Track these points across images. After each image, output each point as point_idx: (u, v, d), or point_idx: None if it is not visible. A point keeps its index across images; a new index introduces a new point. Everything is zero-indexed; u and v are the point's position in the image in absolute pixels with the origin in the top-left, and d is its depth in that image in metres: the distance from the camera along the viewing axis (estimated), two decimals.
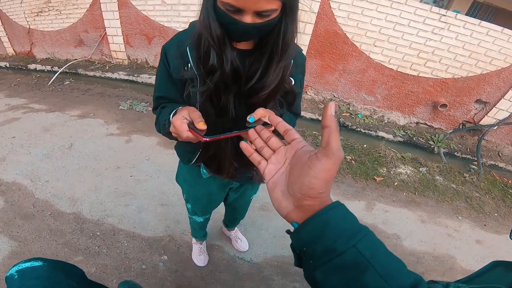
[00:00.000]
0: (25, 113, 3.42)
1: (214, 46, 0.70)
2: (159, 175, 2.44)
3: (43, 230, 1.87)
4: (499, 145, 3.80)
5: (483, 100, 3.59)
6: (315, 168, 0.37)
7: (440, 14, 3.23)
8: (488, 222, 2.56)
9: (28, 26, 5.62)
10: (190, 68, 0.78)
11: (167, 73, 0.85)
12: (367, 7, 3.35)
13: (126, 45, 4.81)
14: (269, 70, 0.74)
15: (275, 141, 0.47)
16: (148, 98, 3.99)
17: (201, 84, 0.78)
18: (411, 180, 2.88)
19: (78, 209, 2.05)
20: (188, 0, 4.01)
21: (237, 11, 0.63)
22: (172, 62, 0.82)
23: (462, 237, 2.34)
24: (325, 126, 0.37)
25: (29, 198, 2.11)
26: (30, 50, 6.00)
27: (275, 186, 0.44)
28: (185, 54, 0.78)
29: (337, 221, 0.36)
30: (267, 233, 2.05)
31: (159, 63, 0.88)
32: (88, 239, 1.85)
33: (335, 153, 0.37)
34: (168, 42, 0.86)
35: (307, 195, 0.38)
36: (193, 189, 1.18)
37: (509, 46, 3.25)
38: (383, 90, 3.80)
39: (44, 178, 2.31)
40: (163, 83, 0.88)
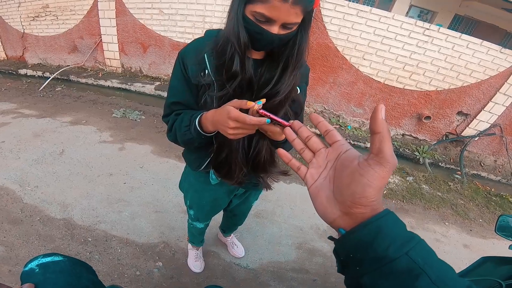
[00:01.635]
0: (15, 118, 3.35)
1: (239, 52, 0.74)
2: (153, 183, 2.43)
3: (31, 235, 1.83)
4: (480, 155, 3.98)
5: (464, 112, 3.77)
6: (368, 176, 0.35)
7: (424, 28, 3.41)
8: (473, 228, 2.69)
9: (23, 30, 5.54)
10: (208, 74, 0.81)
11: (183, 78, 0.87)
12: (357, 21, 3.51)
13: (121, 53, 4.81)
14: (284, 77, 0.78)
15: (315, 142, 0.44)
16: (142, 107, 3.98)
17: (218, 90, 0.80)
18: (399, 189, 2.98)
19: (69, 215, 2.01)
20: (185, 11, 4.08)
21: (266, 22, 0.67)
22: (191, 68, 0.84)
23: (450, 242, 2.44)
24: (376, 132, 0.35)
25: (17, 203, 2.06)
26: (22, 55, 5.90)
27: (318, 191, 0.42)
28: (203, 61, 0.81)
29: (388, 228, 0.35)
30: (262, 239, 2.07)
31: (175, 68, 0.89)
32: (79, 245, 1.81)
33: (389, 160, 0.34)
34: (184, 48, 0.87)
35: (358, 203, 0.36)
36: (199, 195, 1.19)
37: (488, 59, 3.44)
38: (371, 103, 3.94)
39: (33, 184, 2.25)
40: (179, 88, 0.89)
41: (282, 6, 0.63)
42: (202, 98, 0.85)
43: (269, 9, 0.64)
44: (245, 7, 0.69)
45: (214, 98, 0.82)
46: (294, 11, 0.65)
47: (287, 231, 2.19)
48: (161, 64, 4.67)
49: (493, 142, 3.90)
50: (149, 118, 3.67)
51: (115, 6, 4.40)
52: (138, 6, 4.30)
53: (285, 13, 0.65)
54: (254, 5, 0.66)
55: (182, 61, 0.85)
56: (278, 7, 0.64)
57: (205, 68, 0.81)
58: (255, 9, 0.66)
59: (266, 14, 0.65)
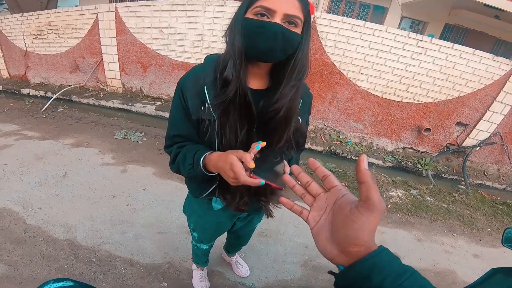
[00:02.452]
0: (18, 140, 3.37)
1: (233, 56, 0.73)
2: (156, 204, 2.43)
3: (35, 255, 1.84)
4: (483, 164, 3.97)
5: (463, 122, 3.79)
6: (359, 221, 0.38)
7: (417, 39, 3.47)
8: (483, 237, 2.66)
9: (26, 48, 5.61)
10: (208, 108, 0.79)
11: (183, 110, 0.85)
12: (352, 35, 3.58)
13: (121, 73, 4.87)
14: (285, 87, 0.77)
15: (315, 187, 0.48)
16: (143, 128, 4.00)
17: (219, 126, 0.79)
18: (403, 202, 2.96)
19: (72, 236, 2.01)
20: (184, 30, 4.17)
21: (268, 15, 0.68)
22: (190, 101, 0.82)
23: (459, 253, 2.42)
24: (362, 182, 0.38)
25: (20, 224, 2.07)
26: (24, 74, 5.95)
27: (319, 232, 0.45)
28: (202, 94, 0.79)
29: (383, 263, 0.38)
30: (267, 258, 2.05)
31: (174, 98, 0.87)
32: (83, 265, 1.81)
33: (377, 206, 0.38)
34: (184, 77, 0.85)
35: (353, 244, 0.39)
36: (202, 219, 1.19)
37: (481, 68, 3.48)
38: (370, 117, 3.96)
39: (36, 205, 2.26)
40: (179, 121, 0.87)
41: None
42: (205, 135, 0.84)
43: (269, 1, 0.67)
44: (246, 13, 0.71)
45: (216, 134, 0.82)
46: (292, 2, 0.68)
47: (292, 249, 2.16)
48: (161, 83, 4.72)
49: (494, 151, 3.91)
50: (151, 139, 3.69)
51: (116, 25, 4.50)
52: (138, 25, 4.40)
53: (285, 4, 0.67)
54: (254, 5, 0.69)
55: (181, 92, 0.84)
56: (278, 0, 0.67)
57: (205, 101, 0.80)
58: (256, 6, 0.68)
59: (266, 5, 0.67)
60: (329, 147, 3.79)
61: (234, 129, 0.80)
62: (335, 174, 3.19)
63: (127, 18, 4.41)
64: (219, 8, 3.92)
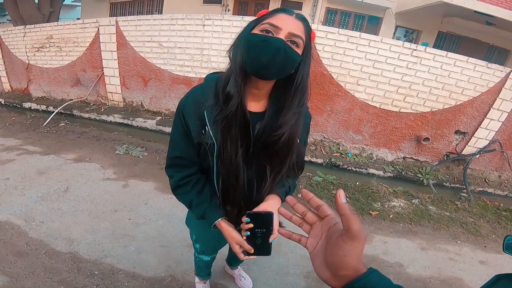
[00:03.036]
0: (20, 154, 3.39)
1: (234, 71, 0.75)
2: (157, 218, 2.43)
3: (37, 267, 1.84)
4: (484, 171, 3.99)
5: (461, 130, 3.82)
6: (344, 249, 0.42)
7: (411, 49, 3.52)
8: (487, 244, 2.65)
9: (28, 61, 5.66)
10: (208, 132, 0.81)
11: (184, 132, 0.87)
12: (348, 47, 3.64)
13: (122, 87, 4.92)
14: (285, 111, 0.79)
15: (311, 216, 0.51)
16: (144, 143, 4.02)
17: (218, 151, 0.82)
18: (405, 212, 2.96)
19: (75, 249, 2.02)
20: (183, 44, 4.25)
21: (273, 32, 0.71)
22: (192, 125, 0.84)
23: (465, 260, 2.41)
24: (342, 214, 0.41)
25: (22, 237, 2.08)
26: (26, 87, 5.99)
27: (315, 257, 0.49)
28: (202, 118, 0.81)
29: (372, 285, 0.41)
30: (270, 270, 2.04)
31: (175, 120, 0.88)
32: (85, 277, 1.80)
33: (358, 235, 0.41)
34: (184, 100, 0.86)
35: (341, 268, 0.43)
36: (205, 231, 1.19)
37: (476, 75, 3.52)
38: (369, 128, 3.98)
39: (38, 219, 2.27)
40: (179, 142, 0.90)
41: (288, 17, 0.72)
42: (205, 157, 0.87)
43: (275, 19, 0.72)
44: (253, 30, 0.75)
45: (215, 157, 0.84)
46: (297, 24, 0.73)
47: (295, 261, 2.15)
48: (162, 98, 4.76)
49: (494, 158, 3.93)
50: (152, 154, 3.71)
51: (116, 39, 4.58)
52: (138, 39, 4.48)
53: (290, 23, 0.71)
54: (262, 23, 0.73)
55: (182, 115, 0.86)
56: (283, 18, 0.72)
57: (205, 125, 0.81)
58: (263, 23, 0.73)
59: (274, 22, 0.71)
60: (329, 159, 3.81)
61: (234, 146, 0.81)
62: (336, 185, 3.24)
63: (127, 32, 4.50)
64: (218, 22, 4.01)
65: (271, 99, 0.85)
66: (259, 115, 0.84)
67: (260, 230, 0.77)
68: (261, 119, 0.83)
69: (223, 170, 0.85)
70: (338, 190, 0.43)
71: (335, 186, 3.26)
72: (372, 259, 2.27)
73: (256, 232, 0.78)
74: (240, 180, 0.87)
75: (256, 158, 0.86)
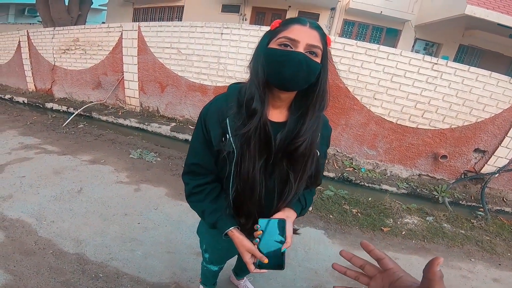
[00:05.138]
0: (38, 153, 3.50)
1: (257, 87, 0.77)
2: (166, 224, 2.44)
3: (42, 267, 1.85)
4: (502, 191, 3.83)
5: (481, 149, 3.68)
6: None
7: (432, 62, 3.43)
8: (502, 262, 2.57)
9: (54, 62, 5.87)
10: (228, 140, 0.81)
11: (204, 140, 0.88)
12: (366, 60, 3.58)
13: (140, 92, 5.03)
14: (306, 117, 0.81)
15: (370, 269, 0.50)
16: (157, 148, 4.07)
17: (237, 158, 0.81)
18: (418, 229, 2.87)
19: (82, 251, 2.03)
20: (201, 51, 4.32)
21: (291, 45, 0.72)
22: (213, 132, 0.84)
23: (478, 278, 2.34)
24: (429, 279, 0.39)
25: (31, 236, 2.11)
26: (50, 88, 6.21)
27: None
28: (224, 125, 0.82)
29: None
30: (276, 282, 2.00)
31: (197, 127, 0.89)
32: (89, 280, 1.81)
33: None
34: (206, 107, 0.87)
35: None
36: (215, 241, 1.19)
37: (499, 91, 3.38)
38: (385, 144, 3.88)
39: (49, 219, 2.31)
40: (199, 150, 0.90)
41: (302, 28, 0.72)
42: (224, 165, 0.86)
43: (292, 32, 0.72)
44: (269, 44, 0.75)
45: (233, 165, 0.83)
46: (313, 34, 0.73)
47: (302, 274, 2.10)
48: (177, 104, 4.83)
49: None
50: (165, 160, 3.75)
51: (138, 44, 4.70)
52: (158, 45, 4.58)
53: (307, 34, 0.72)
54: (278, 36, 0.73)
55: (204, 123, 0.87)
56: (299, 29, 0.72)
57: (226, 133, 0.82)
58: (279, 37, 0.73)
59: (291, 36, 0.71)
60: (342, 174, 3.74)
61: (253, 159, 0.82)
62: (348, 200, 3.16)
63: (148, 37, 4.62)
64: (236, 31, 4.06)
65: (292, 107, 0.86)
66: (281, 125, 0.84)
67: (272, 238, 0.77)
68: (282, 128, 0.83)
69: (239, 182, 0.85)
70: (437, 258, 0.40)
71: (347, 201, 3.18)
72: None
73: (268, 240, 0.77)
74: (256, 193, 0.86)
75: (277, 167, 0.86)
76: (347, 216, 2.89)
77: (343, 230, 2.69)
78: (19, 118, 4.96)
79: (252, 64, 0.79)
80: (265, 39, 0.78)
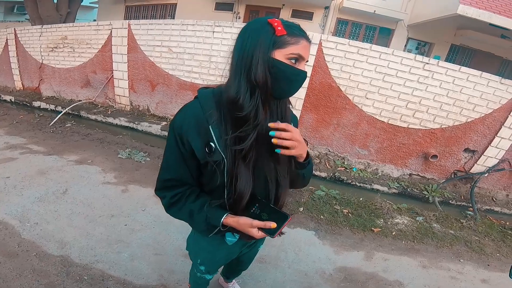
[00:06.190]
0: (23, 153, 3.41)
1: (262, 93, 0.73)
2: (154, 226, 2.40)
3: (25, 269, 1.81)
4: (492, 190, 3.87)
5: (471, 148, 3.71)
6: None
7: (423, 62, 3.43)
8: (491, 262, 2.59)
9: (41, 60, 5.75)
10: (215, 149, 0.77)
11: (179, 154, 0.82)
12: (358, 59, 3.57)
13: (130, 90, 4.95)
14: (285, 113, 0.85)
15: None
16: (147, 148, 4.00)
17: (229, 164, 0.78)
18: (408, 229, 2.88)
19: (66, 253, 2.00)
20: (192, 50, 4.26)
21: (297, 62, 0.73)
22: (195, 144, 0.79)
23: (466, 278, 2.35)
24: None
25: (15, 238, 2.07)
26: (37, 86, 6.08)
27: None
28: (207, 134, 0.77)
29: None
30: (265, 284, 1.98)
31: (169, 141, 0.83)
32: (74, 282, 1.77)
33: None
34: (179, 119, 0.80)
35: None
36: (213, 255, 1.14)
37: (489, 91, 3.40)
38: (376, 143, 3.89)
39: (33, 220, 2.27)
40: (174, 165, 0.85)
41: (308, 45, 0.74)
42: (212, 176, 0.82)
43: (302, 49, 0.72)
44: (273, 53, 0.70)
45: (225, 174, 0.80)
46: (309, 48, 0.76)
47: (291, 276, 2.08)
48: (168, 103, 4.77)
49: (503, 177, 3.81)
50: (154, 160, 3.69)
51: (128, 42, 4.61)
52: (149, 43, 4.51)
53: (308, 51, 0.75)
54: (287, 49, 0.70)
55: (180, 136, 0.80)
56: (306, 46, 0.73)
57: (211, 142, 0.77)
58: (290, 52, 0.71)
59: (301, 53, 0.72)
60: (333, 173, 3.73)
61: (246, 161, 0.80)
62: (339, 200, 3.16)
63: (139, 35, 4.54)
64: (228, 29, 4.01)
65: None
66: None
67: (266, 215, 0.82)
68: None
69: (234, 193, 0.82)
70: None
71: (338, 201, 3.17)
72: (371, 276, 2.20)
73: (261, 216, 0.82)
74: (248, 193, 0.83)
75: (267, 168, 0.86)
76: (338, 216, 2.88)
77: (333, 231, 2.68)
78: (6, 117, 4.85)
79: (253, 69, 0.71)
80: (268, 41, 0.70)
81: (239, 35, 0.75)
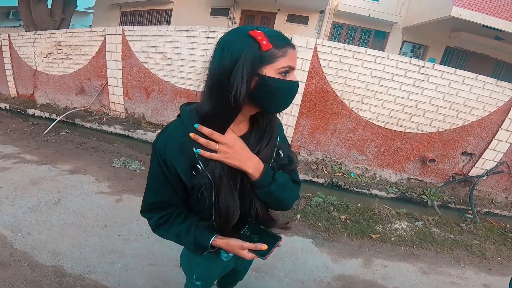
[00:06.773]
0: (16, 163, 3.37)
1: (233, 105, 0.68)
2: (148, 236, 2.35)
3: (17, 279, 1.80)
4: (491, 193, 3.86)
5: (469, 152, 3.70)
6: None
7: (419, 65, 3.42)
8: (492, 266, 2.57)
9: (35, 67, 5.70)
10: (202, 171, 0.74)
11: (164, 177, 0.79)
12: (353, 63, 3.56)
13: (125, 97, 4.91)
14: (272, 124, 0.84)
15: None
16: (142, 156, 3.93)
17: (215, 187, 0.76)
18: (407, 235, 2.85)
19: (59, 263, 1.98)
20: (187, 56, 4.24)
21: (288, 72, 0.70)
22: (180, 168, 0.76)
23: (467, 283, 2.33)
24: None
25: (7, 248, 2.05)
26: (32, 94, 6.03)
27: None
28: (192, 157, 0.74)
29: None
30: None
31: (152, 164, 0.80)
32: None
33: None
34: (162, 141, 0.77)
35: None
36: (208, 271, 1.12)
37: (485, 94, 3.40)
38: (373, 148, 3.86)
39: (25, 230, 2.24)
40: (158, 188, 0.83)
41: (294, 52, 0.70)
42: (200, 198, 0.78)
43: (290, 59, 0.69)
44: (262, 70, 0.66)
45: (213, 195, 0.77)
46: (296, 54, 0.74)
47: (289, 286, 2.05)
48: (163, 110, 4.73)
49: (502, 179, 3.81)
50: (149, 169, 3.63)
51: (122, 48, 4.58)
52: (143, 50, 4.48)
53: (296, 58, 0.72)
54: (277, 63, 0.66)
55: (163, 160, 0.76)
56: (293, 55, 0.70)
57: (196, 164, 0.74)
58: (281, 66, 0.67)
59: (291, 64, 0.69)
60: (331, 179, 3.70)
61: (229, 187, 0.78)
62: (337, 207, 3.12)
63: (133, 42, 4.52)
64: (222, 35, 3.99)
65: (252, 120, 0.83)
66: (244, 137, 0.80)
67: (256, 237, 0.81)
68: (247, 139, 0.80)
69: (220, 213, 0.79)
70: None
71: (336, 207, 3.14)
72: (370, 284, 2.17)
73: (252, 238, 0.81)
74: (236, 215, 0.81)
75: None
76: (335, 223, 2.85)
77: (331, 238, 2.64)
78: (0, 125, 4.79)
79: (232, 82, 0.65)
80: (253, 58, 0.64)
81: (216, 50, 0.70)
